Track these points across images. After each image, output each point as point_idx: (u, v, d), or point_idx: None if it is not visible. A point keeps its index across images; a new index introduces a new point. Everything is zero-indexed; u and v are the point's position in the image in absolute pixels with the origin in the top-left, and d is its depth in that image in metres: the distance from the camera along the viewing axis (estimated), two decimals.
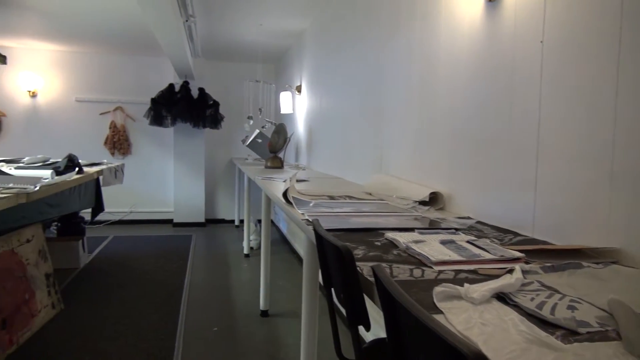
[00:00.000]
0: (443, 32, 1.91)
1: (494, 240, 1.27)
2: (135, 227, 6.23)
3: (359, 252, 1.12)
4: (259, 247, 3.85)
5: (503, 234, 1.36)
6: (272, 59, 6.44)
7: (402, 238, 1.23)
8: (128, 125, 6.37)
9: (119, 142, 6.31)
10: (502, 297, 0.82)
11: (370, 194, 2.23)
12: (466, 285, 0.83)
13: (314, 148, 4.36)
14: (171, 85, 6.00)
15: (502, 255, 1.07)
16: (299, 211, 1.67)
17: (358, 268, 0.96)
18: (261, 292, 3.25)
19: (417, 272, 0.98)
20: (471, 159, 1.70)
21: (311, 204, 1.84)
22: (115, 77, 6.28)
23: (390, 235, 1.28)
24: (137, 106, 6.20)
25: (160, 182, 6.52)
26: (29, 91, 6.00)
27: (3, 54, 4.06)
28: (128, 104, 6.30)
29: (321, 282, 2.39)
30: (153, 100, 5.90)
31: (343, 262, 0.92)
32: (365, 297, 0.93)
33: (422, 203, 1.85)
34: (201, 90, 6.08)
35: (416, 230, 1.35)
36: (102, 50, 6.04)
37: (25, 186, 2.46)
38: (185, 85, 6.00)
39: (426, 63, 2.07)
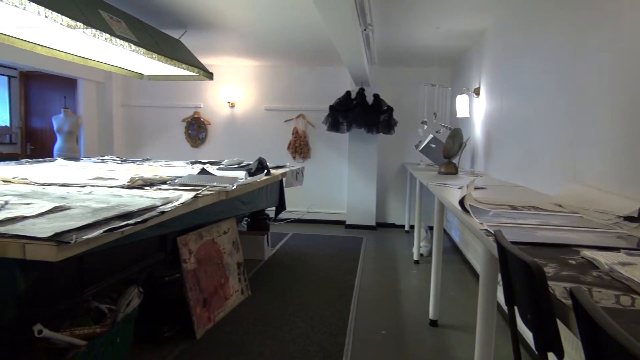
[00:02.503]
0: None
1: None
2: (312, 226, 6.66)
3: (549, 269, 1.01)
4: (429, 254, 3.77)
5: None
6: (448, 62, 6.26)
7: (603, 258, 1.06)
8: (308, 131, 6.86)
9: (300, 146, 6.83)
10: None
11: (560, 206, 2.00)
12: None
13: (492, 153, 4.09)
14: (348, 93, 6.27)
15: None
16: (477, 220, 1.58)
17: (550, 288, 0.86)
18: (431, 300, 3.16)
19: (625, 300, 0.83)
20: None
21: (490, 214, 1.72)
22: (298, 87, 6.83)
23: (588, 253, 1.12)
24: (317, 113, 6.64)
25: (335, 185, 6.86)
26: (229, 102, 6.89)
27: (210, 71, 4.74)
28: (309, 112, 6.79)
29: (499, 298, 2.23)
30: (331, 107, 6.25)
31: (532, 280, 0.83)
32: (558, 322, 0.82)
33: (629, 219, 1.58)
34: (376, 96, 6.23)
35: (622, 251, 1.16)
36: (288, 63, 6.63)
37: (225, 185, 2.82)
38: (361, 92, 6.20)
39: (637, 54, 1.77)
